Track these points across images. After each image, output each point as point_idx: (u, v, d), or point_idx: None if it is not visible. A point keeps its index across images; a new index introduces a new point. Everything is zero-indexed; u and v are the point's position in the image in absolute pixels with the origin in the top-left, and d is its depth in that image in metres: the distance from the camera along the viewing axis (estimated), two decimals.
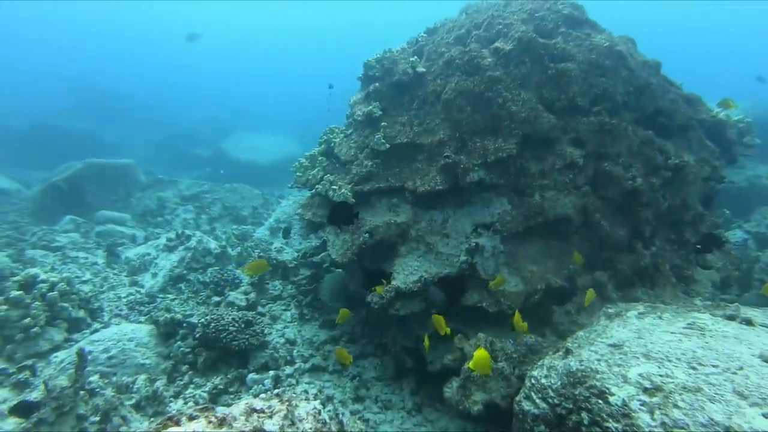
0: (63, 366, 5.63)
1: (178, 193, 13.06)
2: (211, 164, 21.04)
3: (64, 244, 10.05)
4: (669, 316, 4.43)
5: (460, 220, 5.78)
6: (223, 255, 8.43)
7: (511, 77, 5.82)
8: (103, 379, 5.43)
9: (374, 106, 6.47)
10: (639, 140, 6.03)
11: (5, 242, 10.18)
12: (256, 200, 13.05)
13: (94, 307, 6.86)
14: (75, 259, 9.19)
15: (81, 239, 10.50)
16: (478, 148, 5.69)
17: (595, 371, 3.69)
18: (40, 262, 8.93)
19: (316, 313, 7.22)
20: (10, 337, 6.03)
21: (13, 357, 5.91)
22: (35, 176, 18.15)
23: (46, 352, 6.02)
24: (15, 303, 6.18)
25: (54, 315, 6.38)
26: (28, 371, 5.57)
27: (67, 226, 11.23)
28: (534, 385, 4.18)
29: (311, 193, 6.75)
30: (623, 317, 4.57)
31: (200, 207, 12.44)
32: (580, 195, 5.71)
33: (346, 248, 5.86)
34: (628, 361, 3.68)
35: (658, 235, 6.11)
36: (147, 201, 12.73)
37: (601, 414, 3.33)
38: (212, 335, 5.61)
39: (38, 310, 6.21)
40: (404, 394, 5.89)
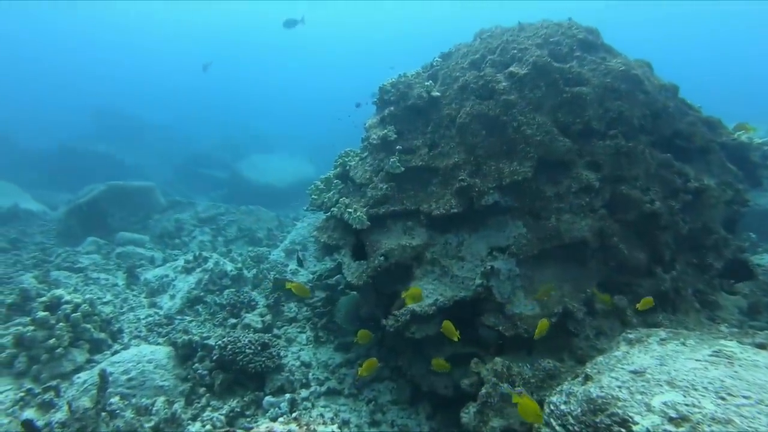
0: (85, 387, 5.68)
1: (195, 215, 13.25)
2: (227, 186, 21.36)
3: (86, 265, 10.24)
4: (693, 343, 4.34)
5: (475, 243, 5.78)
6: (240, 277, 8.51)
7: (526, 101, 5.86)
8: (123, 400, 5.48)
9: (389, 129, 6.55)
10: (657, 163, 6.00)
11: (32, 263, 10.43)
12: (271, 222, 13.18)
13: (114, 328, 6.95)
14: (96, 280, 9.34)
15: (102, 260, 10.69)
16: (493, 171, 5.71)
17: (616, 398, 3.63)
18: (63, 283, 9.09)
19: (331, 336, 7.22)
20: (35, 357, 6.15)
21: (39, 377, 6.00)
22: (59, 197, 18.60)
23: (69, 373, 6.11)
24: (41, 324, 6.30)
25: (77, 336, 6.48)
26: (53, 391, 5.64)
27: (89, 247, 11.44)
28: (553, 411, 4.12)
29: (326, 216, 6.80)
30: (644, 343, 4.50)
31: (216, 229, 12.60)
32: (596, 218, 5.68)
33: (361, 271, 5.88)
34: (651, 388, 3.61)
35: (679, 259, 6.03)
36: (165, 223, 12.93)
37: None
38: (229, 357, 5.64)
39: (62, 331, 6.32)
40: (420, 418, 5.83)
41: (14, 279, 9.25)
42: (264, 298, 8.00)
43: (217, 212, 13.19)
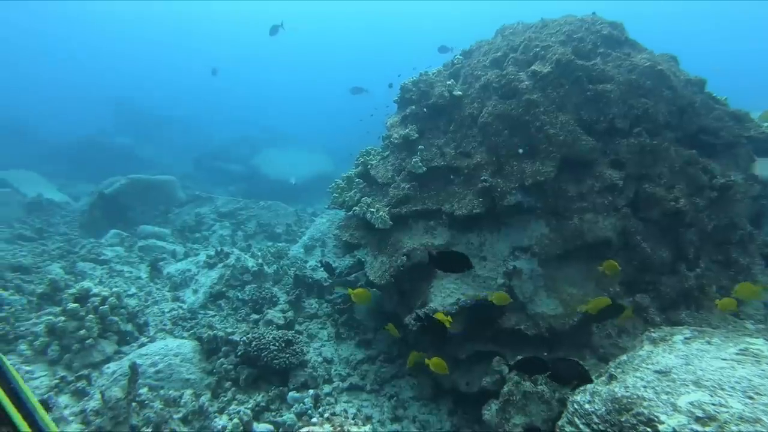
0: (115, 377, 5.84)
1: (215, 209, 13.40)
2: (245, 180, 21.52)
3: (110, 257, 10.42)
4: (718, 341, 4.33)
5: (497, 243, 5.80)
6: (261, 273, 8.61)
7: (549, 100, 5.84)
8: (151, 392, 5.62)
9: (411, 128, 6.58)
10: (682, 160, 5.94)
11: (58, 254, 10.65)
12: (290, 218, 13.27)
13: (140, 321, 7.10)
14: (120, 272, 9.53)
15: (125, 253, 10.88)
16: (516, 171, 5.71)
17: (641, 398, 3.65)
18: (89, 274, 9.29)
19: (352, 332, 7.30)
20: (67, 347, 6.32)
21: (71, 366, 6.18)
22: (80, 188, 18.91)
23: (99, 363, 6.26)
24: (72, 315, 6.47)
25: (105, 328, 6.63)
26: (85, 380, 5.81)
27: (113, 239, 11.64)
28: (577, 411, 4.15)
29: (348, 215, 6.86)
30: (668, 342, 4.49)
31: (236, 224, 12.74)
32: (619, 217, 5.66)
33: (383, 270, 5.94)
34: (677, 388, 3.63)
35: (704, 256, 5.99)
36: (185, 217, 13.09)
37: None
38: (254, 353, 5.75)
39: (92, 323, 6.48)
40: (442, 414, 5.90)
41: (42, 269, 9.46)
42: (285, 294, 8.10)
43: (237, 207, 13.33)
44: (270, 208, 13.29)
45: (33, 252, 10.74)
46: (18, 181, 16.14)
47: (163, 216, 13.37)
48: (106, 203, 13.58)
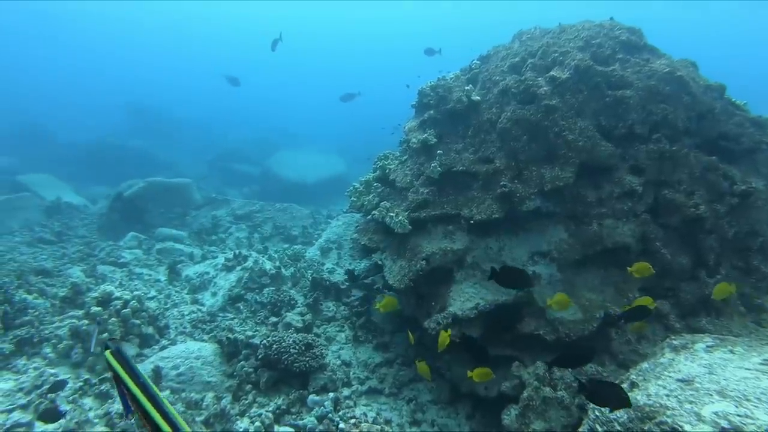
0: None
1: (231, 212, 13.52)
2: (259, 182, 21.67)
3: (129, 260, 10.58)
4: (741, 351, 4.32)
5: (516, 248, 5.82)
6: (278, 276, 8.70)
7: (568, 106, 5.85)
8: (173, 394, 5.72)
9: (429, 133, 6.62)
10: (702, 166, 5.93)
11: (78, 257, 10.83)
12: (306, 220, 13.35)
13: (161, 324, 7.21)
14: (140, 275, 9.67)
15: (143, 256, 11.03)
16: (535, 176, 5.73)
17: (664, 407, 3.66)
18: (109, 277, 9.44)
19: (370, 335, 7.34)
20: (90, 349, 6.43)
21: (94, 368, 6.29)
22: (96, 191, 19.17)
23: None
24: (94, 318, 6.59)
25: (127, 331, 6.75)
26: (108, 383, 5.90)
27: (131, 242, 11.80)
28: (598, 418, 4.17)
29: (367, 219, 6.92)
30: (690, 350, 4.49)
31: (252, 226, 12.85)
32: (639, 223, 5.66)
33: (402, 274, 5.98)
34: (700, 398, 3.63)
35: (724, 263, 5.96)
36: (202, 219, 13.24)
37: None
38: (274, 357, 5.82)
39: (114, 326, 6.61)
40: (460, 418, 5.93)
41: (63, 272, 9.62)
42: (303, 297, 8.18)
43: (252, 209, 13.44)
44: (286, 210, 13.39)
45: (54, 255, 10.94)
46: (36, 185, 16.40)
47: (180, 219, 13.52)
48: (124, 206, 13.76)
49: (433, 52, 11.02)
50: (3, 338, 6.58)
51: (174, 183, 14.33)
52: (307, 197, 18.59)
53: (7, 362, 6.26)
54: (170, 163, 24.35)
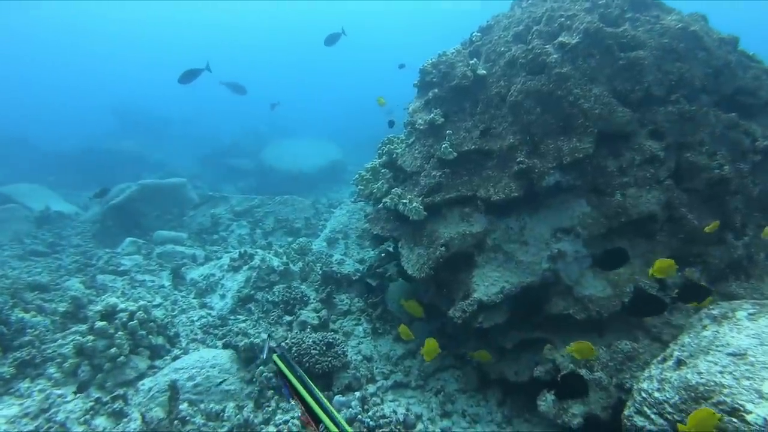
0: (152, 394, 5.70)
1: (230, 208, 13.19)
2: (254, 175, 21.27)
3: (129, 267, 10.27)
4: None
5: (538, 226, 5.58)
6: (287, 272, 8.44)
7: (580, 72, 5.56)
8: (191, 406, 5.50)
9: (436, 113, 6.33)
10: (722, 125, 5.68)
11: (75, 268, 10.50)
12: (308, 211, 13.05)
13: (171, 333, 6.96)
14: (143, 282, 9.38)
15: (144, 261, 10.72)
16: (552, 150, 5.47)
17: (720, 385, 3.47)
18: (111, 287, 9.14)
19: (388, 326, 7.14)
20: (98, 366, 6.18)
21: (104, 386, 6.04)
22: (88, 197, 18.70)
23: (132, 380, 6.13)
24: (100, 333, 6.33)
25: (136, 343, 6.50)
26: (121, 400, 5.67)
27: (129, 248, 11.48)
28: (646, 400, 3.98)
29: (378, 207, 6.65)
30: (732, 319, 4.28)
31: (253, 222, 12.54)
32: (662, 189, 5.42)
33: (422, 263, 5.75)
34: (757, 372, 3.43)
35: (750, 224, 5.76)
36: (201, 219, 12.92)
37: None
38: (294, 359, 5.59)
39: (122, 340, 6.34)
40: (491, 405, 5.76)
41: (61, 285, 9.31)
42: (314, 292, 7.94)
43: (252, 204, 13.12)
44: (286, 203, 13.07)
45: (49, 268, 10.58)
46: (22, 196, 15.86)
47: (177, 220, 13.19)
48: (118, 211, 13.40)
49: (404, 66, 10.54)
50: (2, 362, 6.27)
51: (168, 183, 13.95)
52: (304, 187, 18.25)
53: (8, 387, 5.99)
54: (161, 163, 23.85)
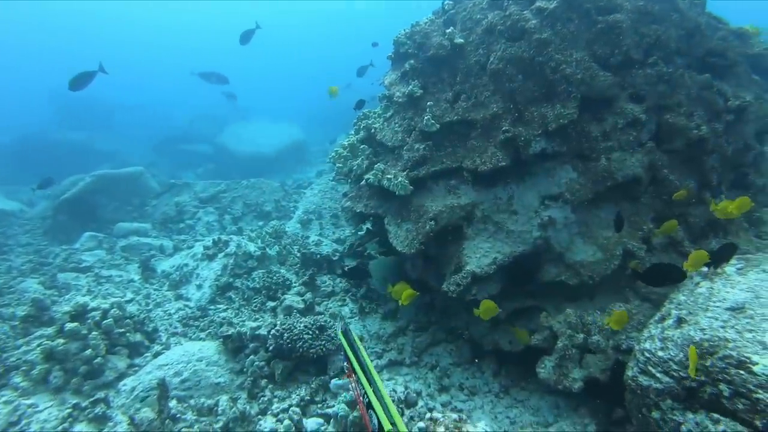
0: (136, 394, 5.43)
1: (195, 195, 12.69)
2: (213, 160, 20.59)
3: (92, 263, 9.77)
4: None
5: (526, 195, 5.55)
6: (264, 257, 8.20)
7: (560, 38, 5.50)
8: (181, 403, 5.28)
9: (414, 85, 6.17)
10: (697, 86, 5.77)
11: (30, 268, 9.87)
12: (277, 193, 12.70)
13: (149, 329, 6.65)
14: (109, 278, 8.94)
15: (107, 256, 10.22)
16: (536, 117, 5.42)
17: (724, 340, 3.53)
18: (74, 285, 8.67)
19: (374, 305, 7.06)
20: (73, 370, 5.84)
21: (81, 390, 5.71)
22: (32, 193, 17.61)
23: (112, 381, 5.83)
24: (72, 335, 5.97)
25: (113, 342, 6.18)
26: (103, 403, 5.37)
27: (89, 243, 10.91)
28: (650, 359, 4.04)
29: (359, 185, 6.47)
30: (722, 275, 4.38)
31: (221, 208, 12.12)
32: (645, 152, 5.47)
33: (411, 238, 5.64)
34: (758, 325, 3.51)
35: (725, 182, 5.92)
36: (164, 208, 12.38)
37: (746, 385, 3.18)
38: (287, 346, 5.44)
39: (97, 340, 6.01)
40: (486, 377, 5.77)
41: (15, 287, 8.72)
42: (295, 275, 7.75)
43: (218, 190, 12.65)
44: (254, 186, 12.66)
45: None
46: None
47: (139, 210, 12.61)
48: (72, 205, 12.68)
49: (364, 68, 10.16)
50: None
51: (124, 173, 13.28)
52: (266, 169, 17.81)
53: None
54: (111, 153, 22.72)
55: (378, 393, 2.77)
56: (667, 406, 3.74)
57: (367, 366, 3.12)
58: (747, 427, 3.11)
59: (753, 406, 3.09)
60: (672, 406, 3.70)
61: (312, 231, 9.58)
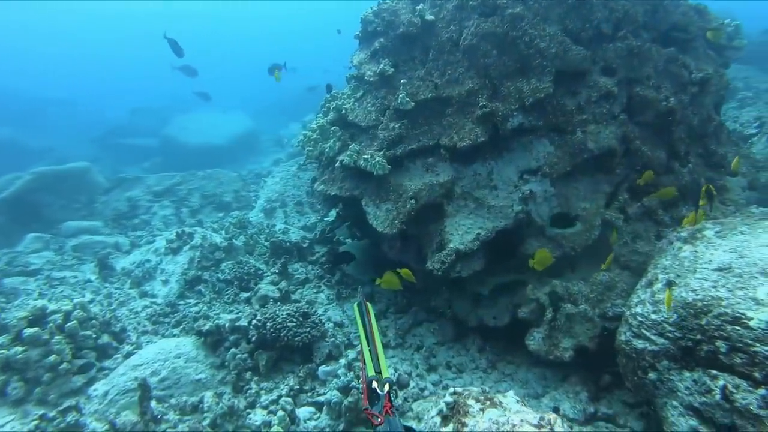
0: (110, 398, 5.12)
1: (148, 189, 12.07)
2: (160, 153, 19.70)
3: (40, 265, 9.15)
4: (747, 230, 4.36)
5: (505, 170, 5.55)
6: (231, 247, 7.89)
7: (533, 12, 5.49)
8: (161, 404, 5.01)
9: (385, 63, 6.03)
10: (664, 59, 5.92)
11: None
12: (235, 183, 12.26)
13: (116, 329, 6.28)
14: (63, 279, 8.39)
15: (57, 257, 9.60)
16: (513, 91, 5.41)
17: (717, 299, 3.63)
18: (23, 290, 8.08)
19: (350, 290, 6.94)
20: (35, 379, 5.43)
21: (46, 400, 5.32)
22: None
23: (81, 387, 5.47)
24: (32, 341, 5.54)
25: (78, 346, 5.79)
26: (74, 411, 5.02)
27: (34, 245, 10.22)
28: (643, 323, 4.11)
29: (333, 167, 6.29)
30: (702, 239, 4.49)
31: (177, 200, 11.59)
32: (618, 124, 5.58)
33: (392, 218, 5.54)
34: (747, 282, 3.62)
35: (691, 152, 6.12)
36: (115, 204, 11.72)
37: (743, 340, 3.28)
38: (271, 335, 5.24)
39: (61, 345, 5.61)
40: (472, 353, 5.78)
41: None
42: (264, 265, 7.50)
43: (173, 182, 12.08)
44: (211, 177, 12.17)
45: None
46: None
47: (87, 208, 11.88)
48: (11, 205, 11.80)
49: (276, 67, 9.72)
50: None
51: (68, 169, 12.47)
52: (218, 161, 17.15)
53: None
54: (46, 150, 21.29)
55: (375, 360, 2.74)
56: (663, 366, 3.82)
57: (369, 337, 3.08)
58: (746, 379, 3.21)
59: (751, 359, 3.18)
60: (668, 366, 3.78)
61: (277, 219, 9.31)
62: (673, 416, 3.57)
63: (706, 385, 3.43)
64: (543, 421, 2.69)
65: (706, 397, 3.35)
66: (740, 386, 3.15)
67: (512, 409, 3.15)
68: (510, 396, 3.39)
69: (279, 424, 4.45)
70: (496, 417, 3.05)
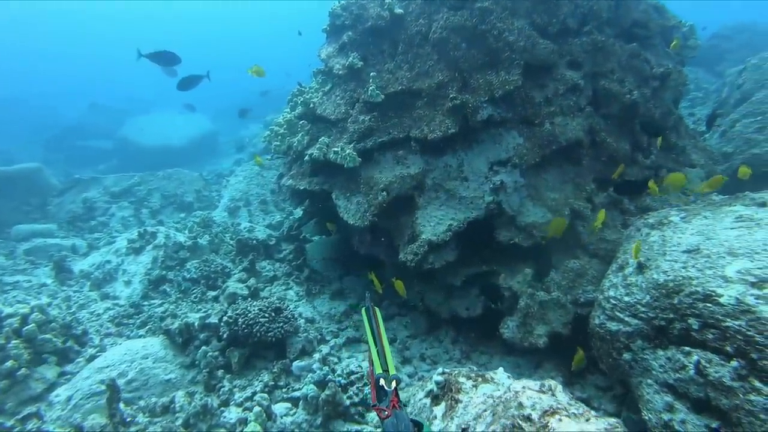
0: (74, 403, 4.86)
1: (106, 190, 11.59)
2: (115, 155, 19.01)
3: None
4: (710, 215, 4.50)
5: (475, 161, 5.59)
6: (196, 246, 7.66)
7: (501, 7, 5.57)
8: (129, 406, 4.80)
9: (354, 56, 5.99)
10: (626, 54, 6.09)
11: None
12: (197, 183, 11.92)
13: (77, 332, 5.99)
14: (15, 284, 7.95)
15: (8, 261, 9.11)
16: (482, 84, 5.46)
17: (688, 278, 3.73)
18: None
19: (318, 286, 6.84)
20: None
21: (4, 409, 5.02)
22: None
23: (41, 394, 5.19)
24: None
25: (37, 350, 5.50)
26: (35, 418, 4.76)
27: None
28: (616, 305, 4.21)
29: (301, 161, 6.20)
30: (669, 224, 4.62)
31: (137, 201, 11.18)
32: (585, 116, 5.71)
33: (363, 211, 5.50)
34: (716, 262, 3.74)
35: (653, 143, 6.31)
36: (70, 206, 11.21)
37: (714, 316, 3.38)
38: (243, 331, 5.10)
39: (18, 349, 5.32)
40: (446, 345, 5.79)
41: None
42: (231, 263, 7.32)
43: (132, 183, 11.64)
44: (171, 177, 11.79)
45: None
46: None
47: (39, 210, 11.34)
48: None
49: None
50: None
51: (17, 170, 11.87)
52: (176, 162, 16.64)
53: None
54: None
55: (382, 359, 2.99)
56: (637, 346, 3.91)
57: (377, 338, 3.16)
58: (718, 353, 3.30)
59: (722, 334, 3.28)
60: (642, 346, 3.87)
61: (241, 218, 9.11)
62: (648, 394, 3.65)
63: (680, 362, 3.52)
64: (544, 387, 2.72)
65: (680, 374, 3.43)
66: (713, 360, 3.23)
67: (505, 383, 3.17)
68: (500, 372, 3.42)
69: (256, 420, 4.32)
70: (491, 391, 3.06)
